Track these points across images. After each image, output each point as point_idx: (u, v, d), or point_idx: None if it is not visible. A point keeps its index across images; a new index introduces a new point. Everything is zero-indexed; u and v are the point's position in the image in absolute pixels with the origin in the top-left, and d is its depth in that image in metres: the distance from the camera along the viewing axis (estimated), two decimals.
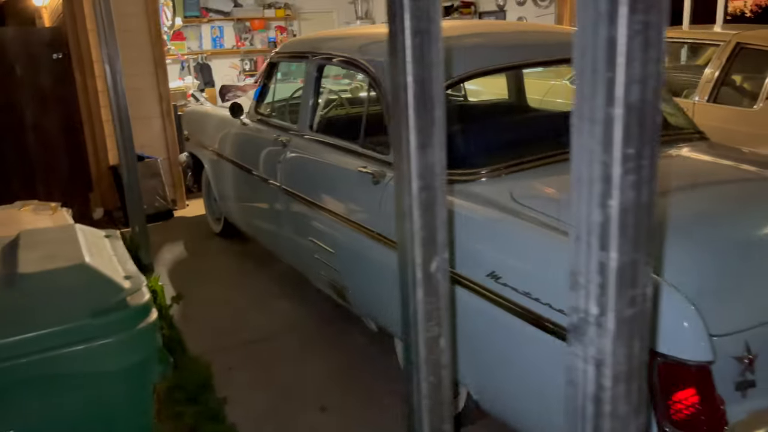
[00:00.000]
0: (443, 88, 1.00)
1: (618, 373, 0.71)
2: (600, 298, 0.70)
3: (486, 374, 2.12)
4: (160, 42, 5.55)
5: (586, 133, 0.66)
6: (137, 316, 1.35)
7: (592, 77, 0.64)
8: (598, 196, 0.67)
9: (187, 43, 10.94)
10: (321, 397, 2.78)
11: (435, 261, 1.04)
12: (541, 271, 1.87)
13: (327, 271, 2.97)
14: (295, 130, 3.34)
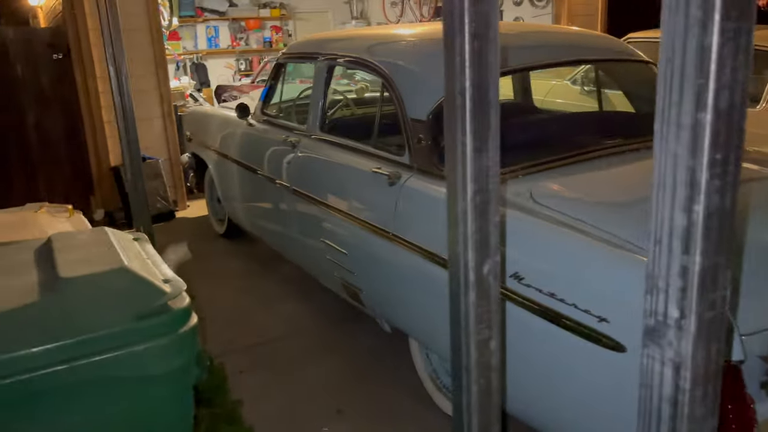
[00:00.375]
0: (498, 92, 1.01)
1: (696, 375, 0.72)
2: (681, 301, 0.70)
3: (511, 376, 2.12)
4: (161, 42, 5.53)
5: (672, 138, 0.67)
6: (180, 319, 1.35)
7: (680, 83, 0.65)
8: (683, 200, 0.67)
9: (182, 43, 10.91)
10: (337, 400, 2.77)
11: (487, 264, 1.05)
12: (566, 272, 1.88)
13: (339, 272, 2.97)
14: (304, 131, 3.34)
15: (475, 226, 1.03)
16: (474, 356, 1.09)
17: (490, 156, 1.02)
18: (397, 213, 2.53)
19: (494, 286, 1.08)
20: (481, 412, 1.12)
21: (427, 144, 2.51)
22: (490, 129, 1.00)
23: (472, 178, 1.01)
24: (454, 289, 1.09)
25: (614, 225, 1.91)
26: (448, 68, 0.99)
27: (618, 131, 2.76)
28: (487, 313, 1.08)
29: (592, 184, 2.29)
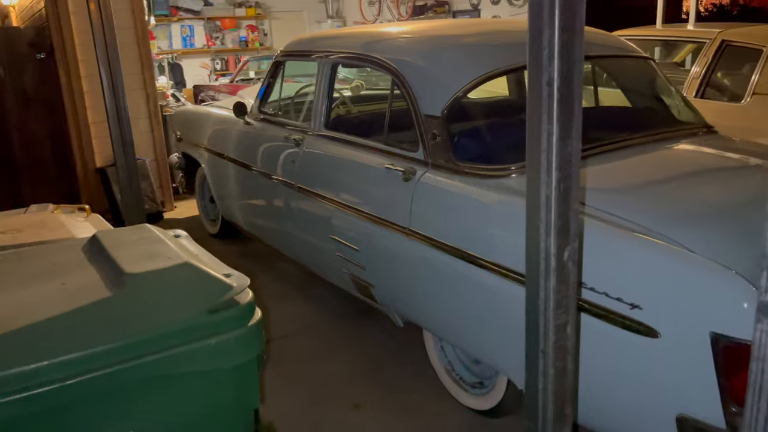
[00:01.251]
0: (582, 83, 1.04)
1: None
2: None
3: None
4: (146, 41, 5.45)
5: None
6: (248, 313, 1.35)
7: None
8: None
9: (157, 43, 10.76)
10: (352, 395, 2.79)
11: (568, 250, 1.08)
12: (595, 261, 1.92)
13: (349, 268, 2.98)
14: (308, 129, 3.34)
15: (557, 213, 1.06)
16: (552, 340, 1.12)
17: (574, 144, 1.05)
18: (413, 208, 2.55)
19: (573, 272, 1.11)
20: (557, 394, 1.16)
21: (442, 139, 2.54)
22: (574, 118, 1.03)
23: (557, 166, 1.04)
24: (532, 275, 1.12)
25: (637, 214, 1.96)
26: (533, 60, 1.02)
27: (624, 126, 2.83)
28: (565, 298, 1.11)
29: (606, 176, 2.34)
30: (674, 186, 2.28)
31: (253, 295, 1.40)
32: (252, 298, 1.38)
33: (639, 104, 3.17)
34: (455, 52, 2.84)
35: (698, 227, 1.90)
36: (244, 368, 1.33)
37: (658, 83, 3.10)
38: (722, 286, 1.67)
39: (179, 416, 1.27)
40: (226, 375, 1.30)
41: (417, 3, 10.11)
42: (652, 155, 2.53)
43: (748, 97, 4.18)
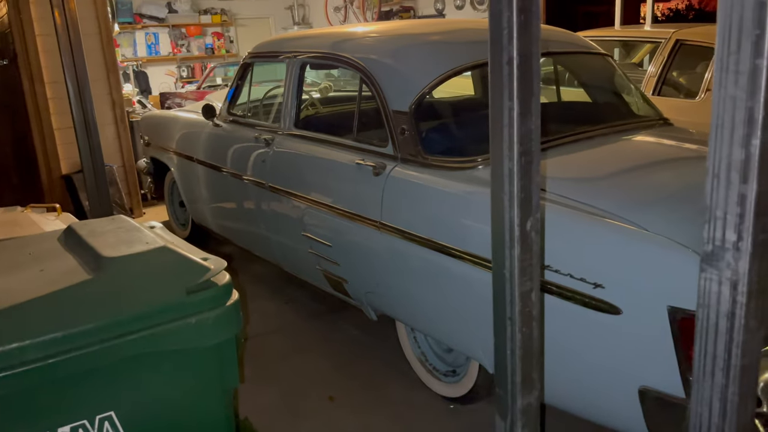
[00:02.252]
0: (540, 61, 1.10)
1: (752, 290, 0.84)
2: (739, 226, 0.82)
3: None
4: (112, 47, 5.42)
5: (731, 84, 0.78)
6: (225, 293, 1.38)
7: (738, 35, 0.76)
8: (741, 137, 0.79)
9: (120, 50, 10.64)
10: (327, 388, 2.82)
11: (530, 220, 1.14)
12: (559, 245, 2.00)
13: (323, 264, 3.02)
14: (278, 128, 3.37)
15: (519, 185, 1.12)
16: (518, 307, 1.18)
17: (534, 120, 1.11)
18: (384, 202, 2.60)
19: (536, 242, 1.17)
20: (524, 359, 1.22)
21: (411, 134, 2.60)
22: (533, 95, 1.10)
23: (518, 140, 1.10)
24: (497, 245, 1.18)
25: (597, 198, 2.06)
26: (493, 40, 1.08)
27: (583, 119, 2.94)
28: (529, 266, 1.18)
29: (569, 166, 2.43)
30: (632, 173, 2.38)
31: (230, 277, 1.44)
32: (229, 280, 1.41)
33: (599, 98, 3.28)
34: (421, 49, 2.91)
35: (654, 210, 2.00)
36: (223, 347, 1.36)
37: (617, 79, 3.22)
38: (677, 262, 1.76)
39: (161, 394, 1.30)
40: (207, 353, 1.32)
41: (383, 9, 10.22)
42: (612, 146, 2.64)
43: (702, 94, 4.35)
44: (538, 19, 1.08)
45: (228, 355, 1.38)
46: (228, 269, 1.46)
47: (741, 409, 0.87)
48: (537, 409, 1.27)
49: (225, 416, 1.44)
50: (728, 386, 0.87)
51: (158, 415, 1.31)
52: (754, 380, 0.88)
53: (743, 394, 0.87)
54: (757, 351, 0.86)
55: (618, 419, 1.91)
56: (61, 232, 1.53)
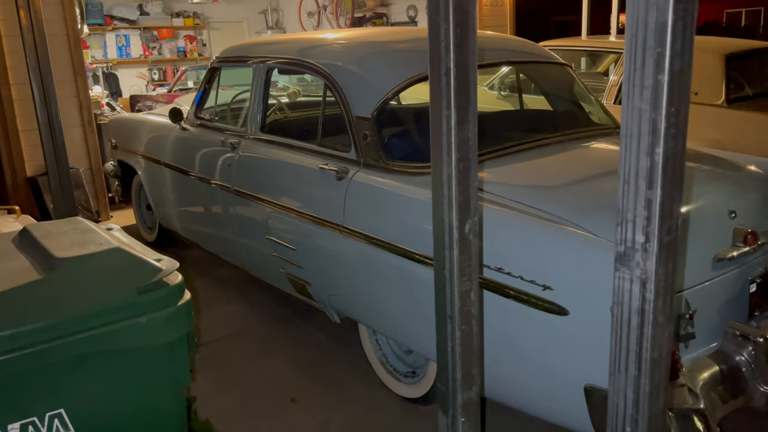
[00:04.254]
0: (476, 72, 1.17)
1: (659, 288, 0.90)
2: (646, 228, 0.88)
3: None
4: (79, 49, 5.38)
5: (637, 97, 0.85)
6: (177, 293, 1.41)
7: (643, 52, 0.83)
8: (647, 146, 0.85)
9: (91, 52, 10.54)
10: (290, 390, 2.85)
11: (469, 223, 1.20)
12: (511, 248, 2.07)
13: (287, 267, 3.05)
14: (244, 133, 3.40)
15: (458, 190, 1.18)
16: (458, 305, 1.23)
17: (470, 128, 1.17)
18: (346, 206, 2.65)
19: (474, 243, 1.23)
20: (464, 355, 1.27)
21: (373, 139, 2.66)
22: (470, 104, 1.16)
23: (456, 147, 1.16)
24: (438, 247, 1.24)
25: (550, 204, 2.13)
26: (432, 52, 1.14)
27: (541, 127, 3.02)
28: (468, 267, 1.23)
29: (525, 172, 2.51)
30: (585, 180, 2.46)
31: (183, 278, 1.47)
32: (181, 281, 1.44)
33: (557, 107, 3.37)
34: (385, 56, 2.97)
35: (603, 215, 2.08)
36: (174, 346, 1.39)
37: (575, 88, 3.32)
38: None
39: (112, 392, 1.32)
40: (158, 352, 1.35)
41: (356, 15, 10.28)
42: (567, 153, 2.72)
43: None
44: (474, 33, 1.14)
45: (179, 354, 1.41)
46: (194, 273, 1.49)
47: (653, 399, 0.94)
48: (477, 404, 1.32)
49: (176, 414, 1.46)
50: (640, 378, 0.93)
51: (109, 413, 1.33)
52: (665, 372, 0.94)
53: (654, 386, 0.93)
54: (666, 345, 0.93)
55: (564, 416, 1.98)
56: (16, 233, 1.55)
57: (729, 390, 1.96)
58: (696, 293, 2.05)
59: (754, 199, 2.38)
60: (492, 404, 2.36)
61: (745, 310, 2.18)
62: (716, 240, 2.17)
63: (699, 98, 4.32)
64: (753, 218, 2.26)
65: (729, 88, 4.25)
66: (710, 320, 2.08)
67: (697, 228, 2.18)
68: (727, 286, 2.15)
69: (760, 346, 1.99)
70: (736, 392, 1.97)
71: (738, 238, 2.19)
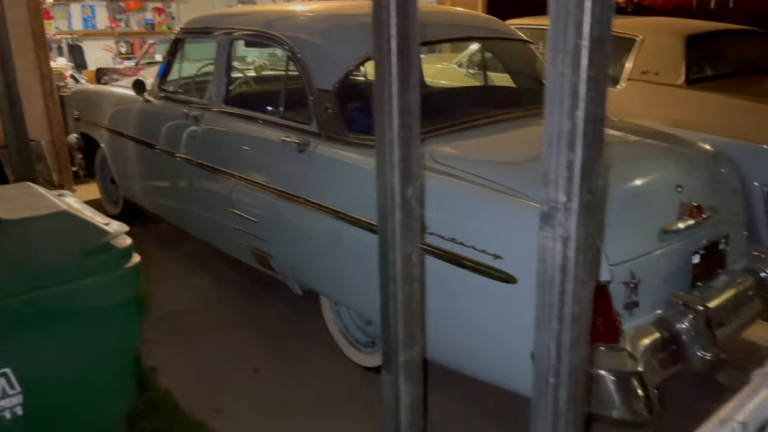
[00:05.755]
0: (418, 41, 1.19)
1: (579, 245, 0.95)
2: (567, 188, 0.93)
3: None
4: (40, 18, 5.24)
5: (560, 61, 0.88)
6: (124, 255, 1.42)
7: (565, 19, 0.87)
8: (568, 109, 0.89)
9: (54, 23, 10.25)
10: (252, 361, 2.88)
11: (410, 188, 1.24)
12: (465, 219, 2.12)
13: (249, 240, 3.07)
14: (208, 105, 3.38)
15: (400, 155, 1.22)
16: (399, 267, 1.28)
17: (412, 95, 1.20)
18: (308, 178, 2.67)
19: (416, 208, 1.27)
20: (406, 316, 1.32)
21: (334, 112, 2.67)
22: (412, 71, 1.19)
23: (398, 113, 1.19)
24: (381, 210, 1.28)
25: (505, 177, 2.18)
26: (376, 20, 1.16)
27: (503, 102, 3.07)
28: (410, 231, 1.27)
29: (483, 146, 2.56)
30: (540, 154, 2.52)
31: (131, 241, 1.48)
32: (129, 244, 1.46)
33: (518, 83, 3.42)
34: (348, 30, 2.97)
35: None
36: (122, 308, 1.40)
37: (537, 65, 3.36)
38: None
39: (59, 353, 1.34)
40: (105, 314, 1.37)
41: None
42: (526, 128, 2.77)
43: (623, 83, 4.57)
44: (415, 2, 1.16)
45: (127, 316, 1.43)
46: (159, 246, 1.50)
47: (573, 352, 0.99)
48: (419, 364, 1.37)
49: (125, 375, 1.49)
50: (562, 331, 0.98)
51: (56, 374, 1.35)
52: (586, 326, 1.00)
53: (574, 339, 0.99)
54: (586, 300, 0.98)
55: (512, 381, 2.05)
56: None
57: (669, 355, 2.05)
58: (641, 263, 2.12)
59: (700, 175, 2.47)
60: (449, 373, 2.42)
61: (688, 280, 2.27)
62: (663, 213, 2.25)
63: (659, 78, 4.41)
64: (699, 193, 2.35)
65: (689, 68, 4.33)
66: (655, 289, 2.16)
67: (645, 201, 2.26)
68: (672, 257, 2.23)
69: (700, 314, 2.08)
70: (675, 358, 2.06)
71: (684, 211, 2.27)
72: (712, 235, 2.37)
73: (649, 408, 1.83)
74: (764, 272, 2.49)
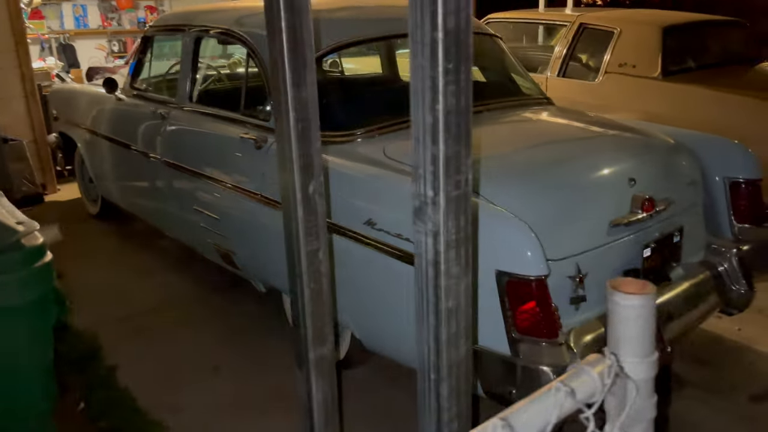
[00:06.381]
0: (312, 34, 1.18)
1: (449, 240, 0.94)
2: (433, 182, 0.92)
3: (366, 313, 2.34)
4: (20, 17, 5.26)
5: (419, 54, 0.87)
6: (34, 255, 1.42)
7: (421, 10, 0.85)
8: (429, 102, 0.88)
9: (46, 23, 10.26)
10: (213, 359, 2.88)
11: (312, 184, 1.23)
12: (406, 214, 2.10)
13: (213, 237, 3.07)
14: (174, 103, 3.38)
15: (298, 150, 1.20)
16: (305, 264, 1.27)
17: (309, 90, 1.19)
18: (265, 175, 2.66)
19: (320, 204, 1.26)
20: (315, 312, 1.31)
21: None
22: (306, 66, 1.17)
23: (293, 108, 1.18)
24: (286, 208, 1.27)
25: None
26: (268, 13, 1.15)
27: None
28: (314, 227, 1.26)
29: None
30: (497, 149, 2.50)
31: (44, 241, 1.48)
32: (41, 243, 1.45)
33: (486, 78, 3.40)
34: None
35: (505, 183, 2.13)
36: (33, 306, 1.40)
37: (506, 60, 3.34)
38: (507, 231, 1.89)
39: None
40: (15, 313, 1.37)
41: None
42: (485, 123, 2.75)
43: (600, 76, 4.54)
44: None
45: (38, 314, 1.42)
46: (135, 244, 1.49)
47: (451, 348, 0.98)
48: (331, 361, 1.36)
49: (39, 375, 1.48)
50: (439, 327, 0.97)
51: None
52: (464, 322, 0.99)
53: (452, 334, 0.98)
54: (463, 295, 0.97)
55: None
56: None
57: None
58: (588, 257, 2.11)
59: (655, 168, 2.44)
60: None
61: (639, 273, 2.25)
62: (614, 206, 2.23)
63: (636, 71, 4.38)
64: (653, 186, 2.32)
65: (665, 60, 4.30)
66: (603, 284, 2.14)
67: (595, 195, 2.24)
68: (622, 250, 2.22)
69: None
70: None
71: (636, 204, 2.25)
72: (665, 228, 2.36)
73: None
74: (721, 265, 2.47)
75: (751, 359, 2.83)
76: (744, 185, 2.65)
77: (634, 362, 0.86)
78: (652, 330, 0.86)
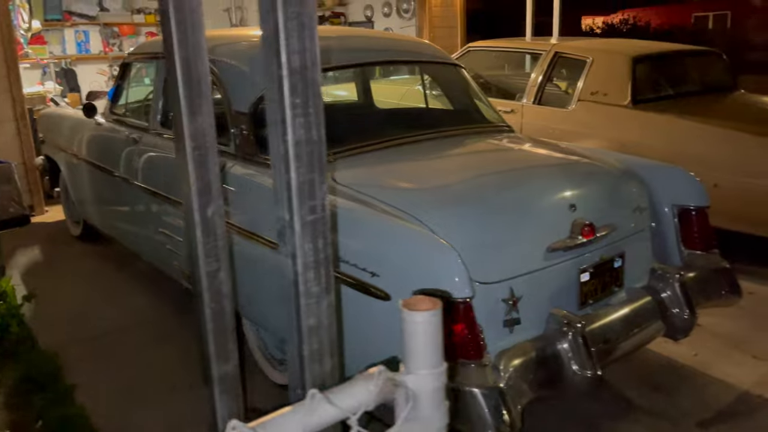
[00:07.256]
0: (208, 66, 1.26)
1: (306, 262, 1.00)
2: (289, 207, 0.98)
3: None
4: (13, 43, 5.41)
5: (273, 89, 0.94)
6: None
7: (269, 52, 0.93)
8: (281, 133, 0.95)
9: (48, 48, 10.50)
10: (172, 379, 2.93)
11: (211, 207, 1.29)
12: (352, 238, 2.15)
13: (178, 259, 3.13)
14: (146, 127, 3.47)
15: (195, 175, 1.27)
16: (205, 284, 1.33)
17: (205, 119, 1.26)
18: (227, 199, 2.73)
19: (220, 225, 1.32)
20: (216, 332, 1.36)
21: (249, 134, 2.75)
22: (202, 97, 1.25)
23: (189, 137, 1.25)
24: (187, 229, 1.33)
25: (395, 198, 2.23)
26: (166, 40, 1.23)
27: (422, 124, 3.13)
28: (214, 248, 1.32)
29: (384, 167, 2.61)
30: (444, 173, 2.57)
31: None
32: None
33: (446, 104, 3.48)
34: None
35: (440, 208, 2.19)
36: None
37: (468, 88, 3.43)
38: (435, 255, 1.95)
39: None
40: None
41: (326, 14, 10.35)
42: (440, 150, 2.82)
43: (574, 104, 4.62)
44: (200, 28, 1.23)
45: None
46: (112, 266, 1.55)
47: (314, 365, 1.03)
48: (235, 378, 1.42)
49: None
50: (301, 344, 1.03)
51: None
52: (326, 340, 1.04)
53: (314, 351, 1.03)
54: (324, 314, 1.03)
55: None
56: None
57: (544, 372, 2.07)
58: (523, 281, 2.15)
59: (598, 195, 2.50)
60: None
61: (575, 298, 2.30)
62: (553, 232, 2.28)
63: (607, 99, 4.46)
64: (594, 212, 2.38)
65: (635, 89, 4.38)
66: (538, 307, 2.19)
67: (533, 220, 2.30)
68: (559, 275, 2.26)
69: (578, 331, 2.10)
70: (551, 375, 2.08)
71: (575, 230, 2.30)
72: (606, 253, 2.40)
73: (510, 425, 1.85)
74: (664, 291, 2.51)
75: (703, 384, 2.85)
76: (692, 212, 2.70)
77: (423, 374, 0.90)
78: (439, 344, 0.91)
